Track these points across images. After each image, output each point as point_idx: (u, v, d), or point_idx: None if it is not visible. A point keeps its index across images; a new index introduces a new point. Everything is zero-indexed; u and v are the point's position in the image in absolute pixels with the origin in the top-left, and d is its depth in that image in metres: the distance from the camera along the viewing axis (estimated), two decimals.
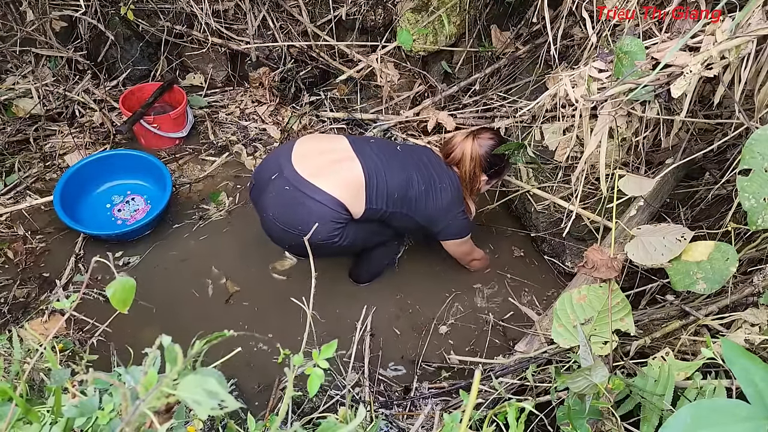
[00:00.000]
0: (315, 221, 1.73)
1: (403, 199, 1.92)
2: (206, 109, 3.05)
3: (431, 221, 2.03)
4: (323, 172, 1.84)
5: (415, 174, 1.94)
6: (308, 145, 1.93)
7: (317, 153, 1.90)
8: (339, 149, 1.92)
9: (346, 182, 1.84)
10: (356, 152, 1.90)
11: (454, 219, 2.04)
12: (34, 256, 2.34)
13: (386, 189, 1.88)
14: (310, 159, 1.87)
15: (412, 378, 2.04)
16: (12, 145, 2.70)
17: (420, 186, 1.94)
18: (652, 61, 1.70)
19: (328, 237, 1.84)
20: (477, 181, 2.06)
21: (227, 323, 2.18)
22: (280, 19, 3.06)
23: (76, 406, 0.76)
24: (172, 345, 0.59)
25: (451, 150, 2.03)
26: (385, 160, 1.92)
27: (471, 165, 2.00)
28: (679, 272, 1.39)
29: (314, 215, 1.78)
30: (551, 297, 2.37)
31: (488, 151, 2.01)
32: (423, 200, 1.95)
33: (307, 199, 1.79)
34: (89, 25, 2.89)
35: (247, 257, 2.43)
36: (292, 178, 1.81)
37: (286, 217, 1.84)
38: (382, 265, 2.34)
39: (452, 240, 2.13)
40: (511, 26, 2.91)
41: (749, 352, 0.80)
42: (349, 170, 1.85)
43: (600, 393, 1.17)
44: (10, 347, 1.18)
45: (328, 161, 1.87)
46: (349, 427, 0.69)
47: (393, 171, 1.90)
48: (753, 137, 1.21)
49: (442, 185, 1.98)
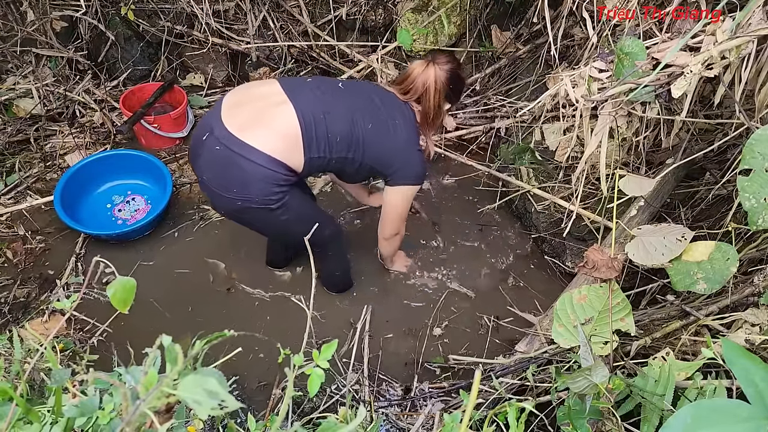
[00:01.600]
0: (251, 182, 1.59)
1: (348, 142, 1.69)
2: (207, 109, 3.05)
3: (383, 163, 1.79)
4: (253, 124, 1.62)
5: (359, 111, 1.71)
6: (238, 96, 1.71)
7: (246, 102, 1.68)
8: (269, 94, 1.68)
9: (278, 133, 1.61)
10: (288, 96, 1.66)
11: (411, 159, 1.80)
12: (34, 256, 2.35)
13: (326, 133, 1.66)
14: (239, 110, 1.66)
15: (412, 378, 2.04)
16: (12, 145, 2.71)
17: (366, 124, 1.70)
18: (653, 61, 1.70)
19: (266, 200, 1.64)
20: (441, 113, 1.85)
21: (227, 323, 2.18)
22: (280, 19, 3.06)
23: (76, 406, 0.76)
24: (172, 345, 0.60)
25: (411, 84, 1.79)
26: (324, 100, 1.69)
27: (436, 97, 1.78)
28: (680, 272, 1.39)
29: (249, 175, 1.59)
30: (551, 297, 2.37)
31: (449, 77, 1.79)
32: (372, 140, 1.72)
33: (240, 159, 1.59)
34: (90, 25, 2.89)
35: (246, 257, 2.43)
36: (221, 136, 1.60)
37: (219, 180, 1.65)
38: (336, 276, 2.25)
39: (403, 186, 1.84)
40: (512, 26, 2.91)
41: (750, 353, 0.80)
42: (281, 118, 1.63)
43: (600, 393, 1.17)
44: (11, 347, 1.18)
45: (258, 110, 1.65)
46: (349, 427, 0.69)
47: (334, 111, 1.67)
48: (753, 137, 1.21)
49: (394, 122, 1.76)
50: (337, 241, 2.05)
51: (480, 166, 2.63)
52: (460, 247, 2.55)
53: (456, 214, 2.69)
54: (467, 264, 2.49)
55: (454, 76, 1.81)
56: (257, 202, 1.63)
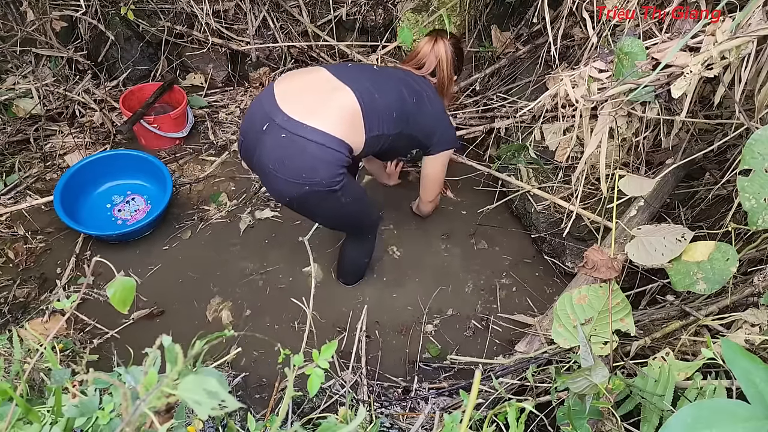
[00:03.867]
0: (320, 166, 1.64)
1: (401, 117, 1.82)
2: (206, 109, 3.05)
3: (428, 134, 1.94)
4: (317, 109, 1.67)
5: (403, 88, 1.85)
6: (290, 84, 1.75)
7: (302, 90, 1.74)
8: (322, 80, 1.76)
9: (342, 115, 1.68)
10: (342, 80, 1.74)
11: (447, 126, 2.00)
12: (34, 256, 2.34)
13: (385, 110, 1.77)
14: (297, 97, 1.70)
15: (412, 378, 2.04)
16: (12, 145, 2.71)
17: (411, 98, 1.85)
18: (653, 62, 1.70)
19: (331, 182, 1.68)
20: (452, 83, 2.05)
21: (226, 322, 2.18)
22: (280, 19, 3.06)
23: (76, 406, 0.76)
24: (172, 345, 0.60)
25: (423, 59, 1.98)
26: (374, 80, 1.80)
27: (449, 67, 1.98)
28: (680, 272, 1.39)
29: (317, 159, 1.64)
30: (551, 297, 2.37)
31: (455, 50, 2.00)
32: (418, 113, 1.87)
33: (308, 143, 1.62)
34: (89, 25, 2.89)
35: (248, 255, 2.43)
36: (285, 123, 1.63)
37: (288, 168, 1.66)
38: (362, 263, 2.32)
39: (443, 152, 2.03)
40: (512, 26, 2.91)
41: (749, 353, 0.80)
42: (342, 101, 1.70)
43: (600, 393, 1.17)
44: (11, 347, 1.18)
45: (317, 95, 1.71)
46: (349, 427, 0.69)
47: (384, 90, 1.79)
48: (753, 137, 1.21)
49: (428, 94, 1.92)
50: (376, 228, 2.17)
51: (480, 166, 2.63)
52: (459, 247, 2.55)
53: (455, 213, 2.69)
54: (467, 264, 2.49)
55: (458, 49, 2.04)
56: (324, 184, 1.67)
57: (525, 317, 2.26)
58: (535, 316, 2.24)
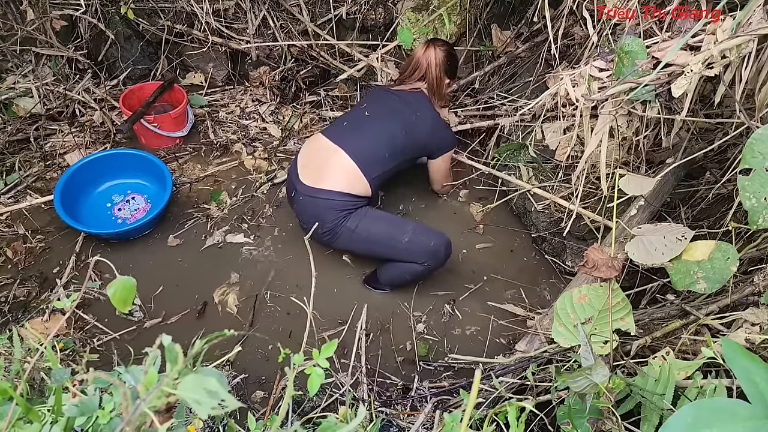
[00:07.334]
0: (326, 213, 2.06)
1: (394, 153, 2.15)
2: (206, 108, 3.05)
3: (426, 148, 2.28)
4: (321, 173, 2.09)
5: (393, 126, 2.15)
6: (304, 159, 2.18)
7: (310, 160, 2.15)
8: (323, 148, 2.15)
9: (343, 175, 2.08)
10: (336, 142, 2.13)
11: (442, 134, 2.28)
12: (34, 255, 2.34)
13: (377, 155, 2.12)
14: (307, 168, 2.14)
15: (412, 377, 2.04)
16: (12, 145, 2.70)
17: (401, 132, 2.15)
18: (653, 61, 1.69)
19: (335, 220, 2.07)
20: (443, 86, 2.25)
21: (227, 322, 2.18)
22: (280, 18, 3.06)
23: (76, 406, 0.76)
24: (172, 344, 0.59)
25: (417, 64, 2.22)
26: (363, 135, 2.15)
27: (437, 71, 2.20)
28: (680, 272, 1.39)
29: (323, 209, 2.07)
30: (551, 297, 2.37)
31: (445, 55, 2.21)
32: (410, 140, 2.18)
33: (317, 200, 2.08)
34: (89, 25, 2.89)
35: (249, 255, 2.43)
36: (303, 190, 2.11)
37: (310, 221, 2.09)
38: (403, 279, 2.24)
39: (446, 153, 2.36)
40: (512, 25, 2.91)
41: (750, 352, 0.80)
42: (339, 162, 2.09)
43: (600, 392, 1.17)
44: (11, 346, 1.18)
45: (320, 163, 2.12)
46: (349, 426, 0.69)
47: (374, 138, 2.14)
48: (754, 136, 1.20)
49: (418, 113, 2.19)
50: (437, 258, 2.15)
51: (480, 165, 2.62)
52: (459, 247, 2.55)
53: (455, 213, 2.69)
54: (466, 264, 2.49)
55: (450, 54, 2.25)
56: (332, 223, 2.08)
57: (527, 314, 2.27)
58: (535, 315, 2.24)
